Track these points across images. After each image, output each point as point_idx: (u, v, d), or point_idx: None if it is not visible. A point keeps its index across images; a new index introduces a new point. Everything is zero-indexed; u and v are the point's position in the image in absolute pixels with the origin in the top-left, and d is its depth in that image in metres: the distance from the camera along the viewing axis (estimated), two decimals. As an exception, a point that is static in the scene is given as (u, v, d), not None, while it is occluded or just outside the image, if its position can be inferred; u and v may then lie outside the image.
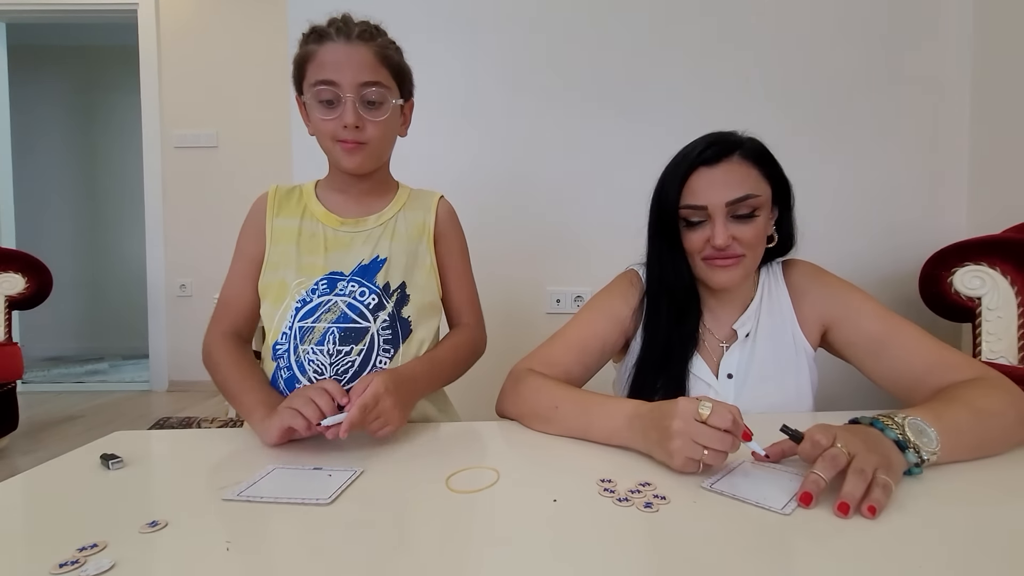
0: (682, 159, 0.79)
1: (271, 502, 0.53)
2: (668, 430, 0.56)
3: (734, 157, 0.76)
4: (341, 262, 0.83)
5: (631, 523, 0.48)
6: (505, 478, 0.58)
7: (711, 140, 0.78)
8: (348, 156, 0.80)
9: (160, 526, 0.48)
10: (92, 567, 0.42)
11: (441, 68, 1.72)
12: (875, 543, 0.44)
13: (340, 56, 0.76)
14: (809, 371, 0.83)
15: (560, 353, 0.82)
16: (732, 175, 0.76)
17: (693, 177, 0.77)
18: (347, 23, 0.78)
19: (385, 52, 0.79)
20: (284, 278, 0.83)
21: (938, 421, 0.57)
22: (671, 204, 0.78)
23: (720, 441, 0.54)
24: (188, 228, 3.06)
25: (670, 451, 0.56)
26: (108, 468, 0.62)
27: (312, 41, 0.78)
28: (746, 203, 0.75)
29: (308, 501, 0.53)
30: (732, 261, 0.77)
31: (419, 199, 0.91)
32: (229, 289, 0.87)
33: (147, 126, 3.06)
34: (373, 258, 0.83)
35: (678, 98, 1.70)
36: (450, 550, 0.45)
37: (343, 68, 0.76)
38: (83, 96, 4.24)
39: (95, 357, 4.08)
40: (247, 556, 0.44)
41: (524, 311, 1.78)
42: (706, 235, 0.77)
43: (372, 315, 0.80)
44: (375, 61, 0.78)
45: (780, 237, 0.83)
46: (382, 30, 0.82)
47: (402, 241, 0.86)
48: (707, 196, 0.76)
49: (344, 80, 0.76)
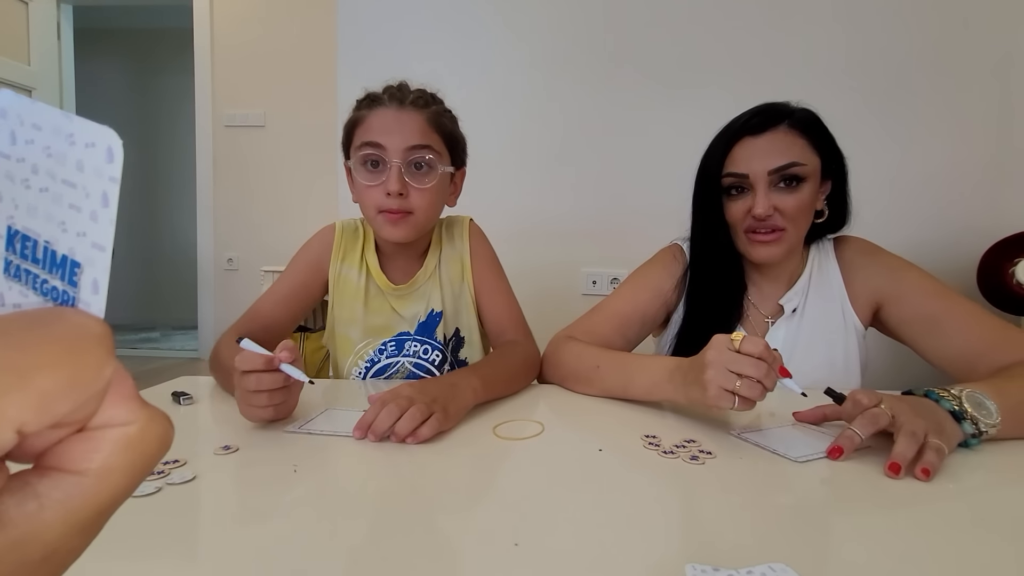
0: (728, 128, 0.78)
1: (329, 435, 0.57)
2: (702, 362, 0.56)
3: (781, 127, 0.75)
4: (404, 322, 0.84)
5: (678, 473, 0.49)
6: (550, 430, 0.60)
7: (759, 109, 0.77)
8: (392, 227, 0.75)
9: (233, 450, 0.52)
10: (176, 477, 0.46)
11: (482, 45, 1.73)
12: (927, 507, 0.44)
13: (389, 120, 0.73)
14: (859, 349, 0.81)
15: (601, 324, 0.83)
16: (776, 143, 0.74)
17: (737, 146, 0.76)
18: (401, 89, 0.76)
19: (439, 119, 0.76)
20: (348, 334, 0.84)
21: (999, 395, 0.55)
22: (714, 173, 0.78)
23: (753, 367, 0.52)
24: (236, 205, 3.18)
25: (704, 382, 0.55)
26: (179, 404, 0.67)
27: (364, 107, 0.76)
28: (789, 170, 0.73)
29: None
30: (774, 236, 0.75)
31: (451, 232, 0.88)
32: (265, 303, 0.83)
33: (199, 106, 3.19)
34: (429, 313, 0.85)
35: (727, 79, 1.66)
36: (496, 490, 0.47)
37: (392, 132, 0.72)
38: (140, 77, 4.44)
39: (148, 326, 4.30)
40: (313, 477, 0.48)
41: (560, 292, 1.79)
42: (747, 205, 0.76)
43: (437, 370, 0.84)
44: (426, 126, 0.74)
45: (832, 212, 0.81)
46: (438, 98, 0.79)
47: (448, 288, 0.86)
48: (748, 164, 0.75)
49: (391, 144, 0.72)
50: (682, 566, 0.32)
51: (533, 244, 1.73)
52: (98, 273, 0.15)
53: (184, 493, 0.44)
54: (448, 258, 0.87)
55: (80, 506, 0.13)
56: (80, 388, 0.13)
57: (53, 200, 0.15)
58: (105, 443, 0.14)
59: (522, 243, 1.75)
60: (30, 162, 0.15)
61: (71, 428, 0.14)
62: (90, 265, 0.15)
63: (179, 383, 0.76)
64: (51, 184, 0.15)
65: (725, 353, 0.55)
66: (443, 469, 0.50)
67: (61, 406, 0.13)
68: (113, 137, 0.15)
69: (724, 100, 1.64)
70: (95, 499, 0.13)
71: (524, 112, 1.74)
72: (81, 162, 0.15)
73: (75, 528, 0.13)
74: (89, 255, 0.15)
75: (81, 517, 0.13)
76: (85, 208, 0.15)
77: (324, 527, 0.39)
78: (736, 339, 0.55)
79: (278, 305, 0.83)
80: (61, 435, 0.14)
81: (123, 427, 0.14)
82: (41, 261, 0.15)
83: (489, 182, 1.75)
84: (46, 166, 0.15)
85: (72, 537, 0.13)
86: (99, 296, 0.15)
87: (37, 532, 0.12)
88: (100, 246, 0.15)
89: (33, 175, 0.15)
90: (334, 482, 0.48)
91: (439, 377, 0.67)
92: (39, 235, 0.16)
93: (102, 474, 0.14)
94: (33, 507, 0.13)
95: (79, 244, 0.15)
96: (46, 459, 0.14)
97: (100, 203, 0.15)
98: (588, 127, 1.73)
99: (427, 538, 0.38)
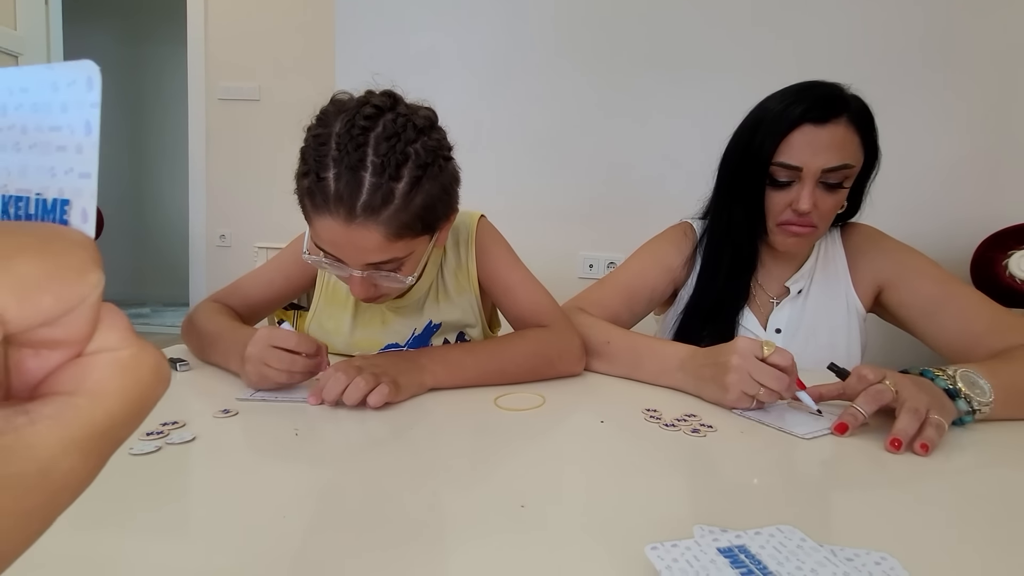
0: (785, 110, 0.71)
1: (284, 401, 0.56)
2: (726, 365, 0.57)
3: (842, 119, 0.70)
4: (398, 333, 0.79)
5: (679, 446, 0.49)
6: (551, 402, 0.60)
7: (820, 96, 0.71)
8: (367, 301, 0.69)
9: (232, 413, 0.52)
10: (176, 437, 0.45)
11: (481, 23, 1.70)
12: (919, 482, 0.45)
13: (338, 236, 0.59)
14: (860, 333, 0.82)
15: (610, 296, 0.83)
16: (836, 139, 0.70)
17: (796, 133, 0.70)
18: (351, 186, 0.56)
19: (398, 222, 0.58)
20: (333, 343, 0.79)
21: (993, 376, 0.56)
22: (764, 157, 0.72)
23: (778, 380, 0.54)
24: (229, 180, 3.13)
25: (726, 384, 0.57)
26: (176, 370, 0.66)
27: (311, 198, 0.59)
28: (840, 172, 0.71)
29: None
30: (807, 230, 0.74)
31: (456, 238, 0.80)
32: (249, 281, 0.81)
33: (192, 78, 3.11)
34: (426, 325, 0.80)
35: (728, 63, 1.64)
36: (500, 457, 0.47)
37: (343, 249, 0.61)
38: (131, 46, 4.33)
39: (138, 302, 4.26)
40: (315, 442, 0.47)
41: (557, 274, 1.79)
42: (790, 198, 0.73)
43: None
44: (382, 241, 0.59)
45: (848, 204, 0.79)
46: (401, 171, 0.57)
47: (451, 298, 0.80)
48: (804, 157, 0.70)
49: (347, 258, 0.61)
50: (689, 527, 0.32)
51: (530, 227, 1.72)
52: (86, 201, 0.15)
53: (184, 453, 0.44)
54: (451, 268, 0.80)
55: (71, 422, 0.13)
56: (61, 282, 0.13)
57: (42, 152, 0.16)
58: (97, 366, 0.14)
59: (519, 226, 1.72)
60: (19, 125, 0.16)
61: (63, 350, 0.14)
62: (78, 196, 0.15)
63: (174, 351, 0.75)
64: (40, 136, 0.15)
65: (751, 361, 0.55)
66: (446, 437, 0.50)
67: (43, 298, 0.12)
68: (92, 68, 0.15)
69: (725, 85, 1.63)
70: (88, 418, 0.13)
71: (523, 93, 1.72)
72: (65, 103, 0.15)
73: (70, 445, 0.13)
74: (77, 186, 0.15)
75: (75, 435, 0.13)
76: (71, 145, 0.15)
77: (326, 490, 0.39)
78: (767, 351, 0.55)
79: (262, 287, 0.81)
80: (53, 360, 0.14)
81: (115, 352, 0.14)
82: (34, 215, 0.16)
83: (486, 163, 1.73)
84: (34, 121, 0.15)
85: (68, 455, 0.13)
86: (88, 224, 0.15)
87: (28, 443, 0.12)
88: (86, 174, 0.15)
89: (23, 135, 0.16)
90: (336, 447, 0.47)
91: (403, 351, 0.66)
92: (30, 190, 0.16)
93: (94, 395, 0.14)
94: (23, 420, 0.12)
95: (67, 181, 0.15)
96: (41, 388, 0.14)
97: (84, 132, 0.15)
98: (587, 109, 1.71)
99: (433, 500, 0.38)
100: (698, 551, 0.29)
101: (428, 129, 0.61)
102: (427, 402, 0.58)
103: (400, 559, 0.31)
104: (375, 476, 0.41)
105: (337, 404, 0.54)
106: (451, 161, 0.65)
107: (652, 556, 0.29)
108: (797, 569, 0.28)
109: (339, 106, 0.61)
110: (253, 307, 0.80)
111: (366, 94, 0.62)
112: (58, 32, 3.22)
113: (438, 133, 0.63)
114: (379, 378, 0.55)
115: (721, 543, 0.30)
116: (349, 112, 0.59)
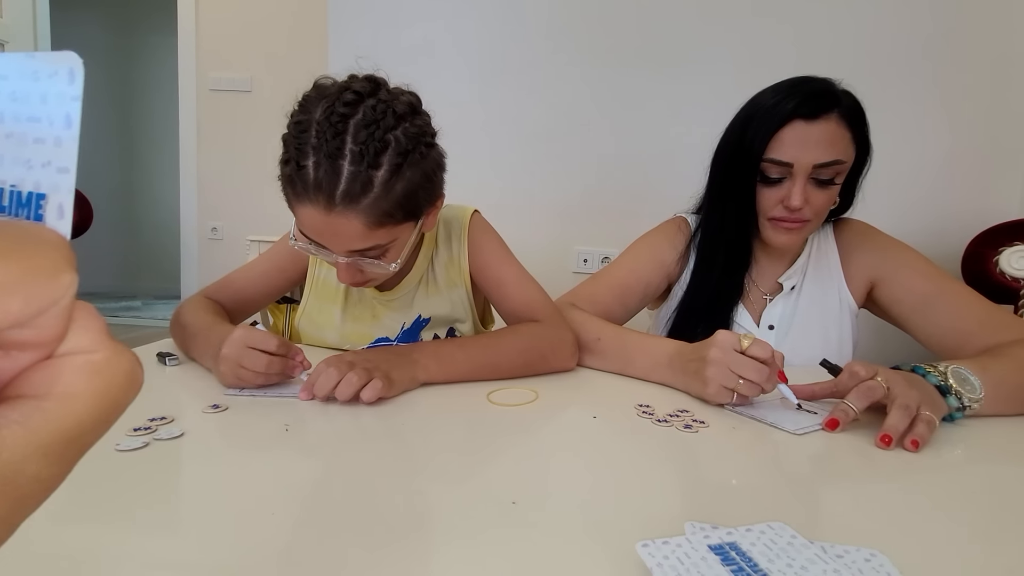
0: (775, 106, 0.71)
1: (274, 397, 0.56)
2: (705, 359, 0.57)
3: (833, 115, 0.70)
4: (387, 327, 0.79)
5: (671, 441, 0.49)
6: (544, 398, 0.60)
7: (811, 91, 0.70)
8: (354, 286, 0.69)
9: (222, 409, 0.51)
10: (164, 433, 0.45)
11: (475, 13, 1.68)
12: (909, 478, 0.45)
13: (319, 224, 0.59)
14: (852, 329, 0.82)
15: (603, 292, 0.83)
16: (827, 134, 0.69)
17: (786, 129, 0.70)
18: (329, 174, 0.56)
19: (378, 209, 0.58)
20: (323, 337, 0.80)
21: (984, 372, 0.56)
22: (755, 153, 0.72)
23: (757, 372, 0.54)
24: (221, 172, 3.10)
25: (705, 378, 0.57)
26: (165, 364, 0.65)
27: (288, 182, 0.59)
28: (831, 168, 0.71)
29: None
30: (798, 225, 0.74)
31: (448, 231, 0.80)
32: (241, 275, 0.80)
33: (183, 68, 3.07)
34: (415, 319, 0.79)
35: (723, 58, 1.64)
36: (492, 453, 0.47)
37: (325, 237, 0.60)
38: (120, 35, 4.26)
39: (128, 295, 4.22)
40: (305, 437, 0.47)
41: (551, 269, 1.78)
42: (781, 194, 0.73)
43: None
44: (362, 229, 0.59)
45: (840, 200, 0.79)
46: (380, 159, 0.57)
47: (441, 291, 0.80)
48: (795, 153, 0.70)
49: (331, 245, 0.61)
50: (681, 523, 0.32)
51: (524, 221, 1.72)
52: (63, 197, 0.15)
53: (172, 449, 0.43)
54: (443, 262, 0.80)
55: (40, 428, 0.13)
56: (32, 284, 0.12)
57: (18, 142, 0.15)
58: (67, 369, 0.13)
59: (512, 220, 1.72)
60: None
61: (33, 351, 0.13)
62: (55, 191, 0.15)
63: (164, 344, 0.75)
64: (16, 127, 0.15)
65: (729, 353, 0.55)
66: (438, 433, 0.50)
67: (12, 301, 0.12)
68: (74, 59, 0.15)
69: (719, 79, 1.62)
70: (57, 424, 0.13)
71: (517, 86, 1.71)
72: (45, 94, 0.15)
73: (37, 451, 0.12)
74: (54, 181, 0.15)
75: (43, 440, 0.12)
76: (49, 138, 0.15)
77: (316, 485, 0.39)
78: (744, 343, 0.55)
79: (255, 280, 0.80)
80: (23, 361, 0.13)
81: (88, 354, 0.14)
82: (8, 208, 0.15)
83: (480, 156, 1.72)
84: (11, 110, 0.15)
85: (35, 460, 0.12)
86: (64, 220, 0.15)
87: None
88: (64, 168, 0.15)
89: None
90: (326, 443, 0.47)
91: (395, 346, 0.65)
92: (4, 181, 0.15)
93: (64, 399, 0.13)
94: None
95: (44, 174, 0.15)
96: (9, 389, 0.13)
97: (63, 126, 0.15)
98: (581, 102, 1.70)
99: (424, 495, 0.37)
100: (689, 548, 0.29)
101: (409, 115, 0.60)
102: (419, 397, 0.58)
103: (391, 555, 0.30)
104: (366, 472, 0.41)
105: (328, 399, 0.54)
106: (435, 147, 0.64)
107: (643, 553, 0.29)
108: (787, 566, 0.28)
109: (320, 92, 0.60)
110: (246, 301, 0.79)
111: (348, 79, 0.61)
112: (45, 20, 3.16)
113: (420, 119, 0.62)
114: (371, 373, 0.55)
115: (712, 540, 0.30)
116: (329, 99, 0.58)
